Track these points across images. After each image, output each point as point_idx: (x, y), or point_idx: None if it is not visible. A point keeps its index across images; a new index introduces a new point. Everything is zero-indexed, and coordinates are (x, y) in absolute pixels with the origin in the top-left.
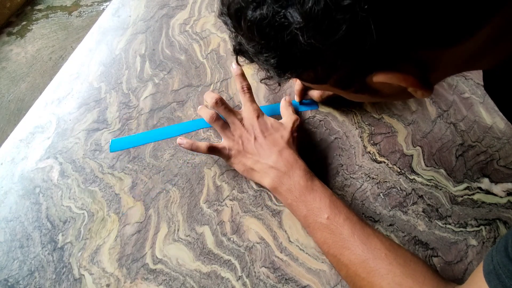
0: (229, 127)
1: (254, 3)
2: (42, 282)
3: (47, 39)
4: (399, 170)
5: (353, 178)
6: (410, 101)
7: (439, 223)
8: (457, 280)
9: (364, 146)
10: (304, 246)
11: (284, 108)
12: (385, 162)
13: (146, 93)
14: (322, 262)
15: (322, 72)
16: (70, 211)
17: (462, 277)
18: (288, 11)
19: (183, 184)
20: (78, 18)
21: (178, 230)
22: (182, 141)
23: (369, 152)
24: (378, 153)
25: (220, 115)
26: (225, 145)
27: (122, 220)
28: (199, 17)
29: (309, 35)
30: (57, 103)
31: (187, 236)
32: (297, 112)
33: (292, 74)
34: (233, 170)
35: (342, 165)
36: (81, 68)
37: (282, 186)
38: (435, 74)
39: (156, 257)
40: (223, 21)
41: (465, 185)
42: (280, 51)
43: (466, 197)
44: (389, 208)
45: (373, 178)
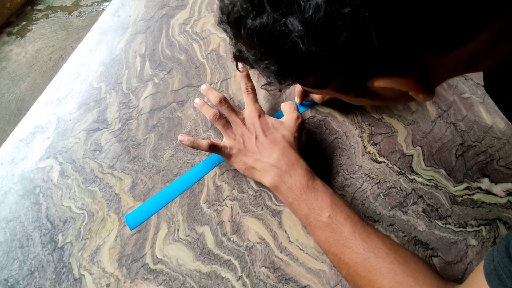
0: (231, 127)
1: (254, 12)
2: (42, 282)
3: (47, 39)
4: (399, 170)
5: (353, 178)
6: (410, 102)
7: (439, 223)
8: (457, 280)
9: (364, 146)
10: (304, 246)
11: (286, 107)
12: (385, 162)
13: (146, 93)
14: (322, 262)
15: (323, 77)
16: (70, 211)
17: (462, 277)
18: (289, 20)
19: None
20: (78, 18)
21: (178, 230)
22: (184, 138)
23: (369, 152)
24: (378, 153)
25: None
26: (226, 144)
27: (122, 220)
28: (199, 17)
29: (309, 43)
30: (57, 103)
31: (187, 236)
32: None
33: (292, 80)
34: (233, 170)
35: (342, 165)
36: (81, 68)
37: (283, 184)
38: (436, 77)
39: (156, 257)
40: (223, 28)
41: (465, 185)
42: (280, 58)
43: (466, 197)
44: (389, 208)
45: (373, 178)
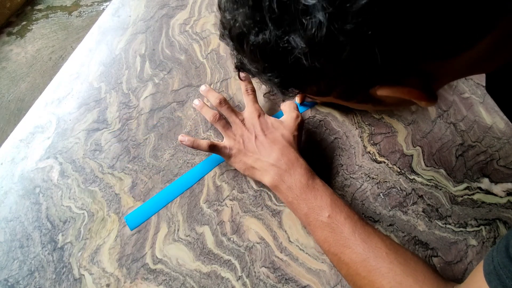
0: (231, 127)
1: (256, 28)
2: (42, 282)
3: (47, 39)
4: (399, 170)
5: (353, 178)
6: (413, 105)
7: (439, 223)
8: (457, 280)
9: (364, 146)
10: (304, 246)
11: (286, 107)
12: (385, 162)
13: (146, 93)
14: (322, 262)
15: (325, 87)
16: (70, 211)
17: (462, 277)
18: (291, 37)
19: None
20: (78, 18)
21: (178, 230)
22: (184, 138)
23: (369, 152)
24: (378, 153)
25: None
26: (226, 144)
27: (122, 220)
28: (199, 17)
29: (313, 59)
30: (57, 103)
31: (187, 236)
32: None
33: (295, 90)
34: (233, 170)
35: (342, 165)
36: (81, 68)
37: (283, 184)
38: (438, 82)
39: (156, 257)
40: (225, 42)
41: (465, 185)
42: (283, 72)
43: (466, 197)
44: (389, 208)
45: (373, 178)
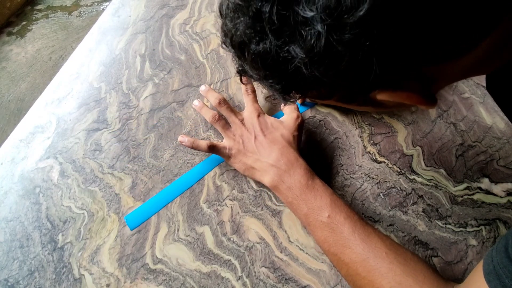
0: (230, 127)
1: (257, 38)
2: (42, 282)
3: (47, 39)
4: (399, 170)
5: (353, 178)
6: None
7: (439, 223)
8: (457, 280)
9: (364, 146)
10: (304, 246)
11: (286, 107)
12: (385, 162)
13: (146, 93)
14: (322, 262)
15: (326, 92)
16: (70, 211)
17: (462, 277)
18: (291, 47)
19: None
20: (78, 18)
21: (178, 230)
22: (184, 139)
23: (369, 152)
24: (378, 153)
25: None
26: (225, 144)
27: (122, 220)
28: (199, 17)
29: (312, 68)
30: (57, 103)
31: (187, 236)
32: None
33: (296, 94)
34: (233, 170)
35: (342, 165)
36: (81, 68)
37: (283, 184)
38: (438, 85)
39: (156, 257)
40: (227, 49)
41: (465, 185)
42: (284, 79)
43: (466, 197)
44: (389, 208)
45: (373, 178)
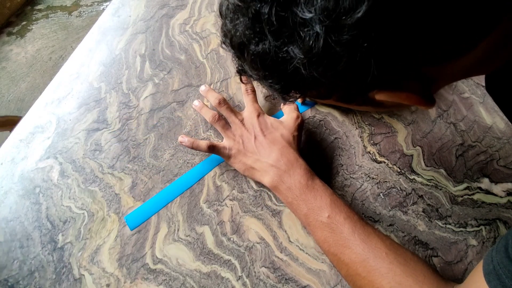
0: (230, 127)
1: (256, 38)
2: (42, 282)
3: (47, 39)
4: (399, 170)
5: (353, 178)
6: None
7: (439, 223)
8: (457, 280)
9: (364, 146)
10: (304, 246)
11: (286, 107)
12: (385, 162)
13: (146, 93)
14: (322, 262)
15: (325, 91)
16: (70, 211)
17: (462, 277)
18: (290, 48)
19: None
20: (78, 18)
21: (178, 230)
22: (184, 139)
23: (369, 152)
24: (378, 153)
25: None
26: (225, 144)
27: (122, 220)
28: (199, 17)
29: (311, 69)
30: (57, 103)
31: (187, 236)
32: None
33: (295, 94)
34: (233, 170)
35: (342, 165)
36: (81, 68)
37: (283, 184)
38: (437, 85)
39: (156, 257)
40: (226, 50)
41: (465, 185)
42: (283, 80)
43: (466, 197)
44: (389, 208)
45: (373, 178)
